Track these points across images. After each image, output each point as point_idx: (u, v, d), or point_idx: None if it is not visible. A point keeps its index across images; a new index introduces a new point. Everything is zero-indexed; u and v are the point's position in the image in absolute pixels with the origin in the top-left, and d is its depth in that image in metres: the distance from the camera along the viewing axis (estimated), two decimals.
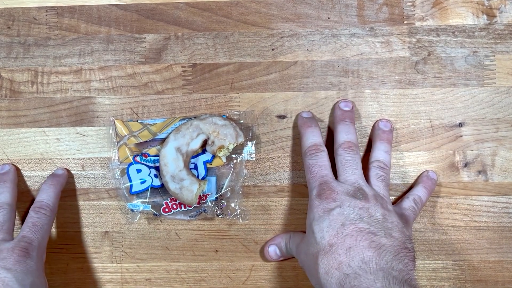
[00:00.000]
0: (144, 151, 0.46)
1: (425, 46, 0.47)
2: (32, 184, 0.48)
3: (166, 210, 0.45)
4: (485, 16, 0.47)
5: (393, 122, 0.47)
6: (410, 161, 0.47)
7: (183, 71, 0.48)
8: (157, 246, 0.48)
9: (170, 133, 0.45)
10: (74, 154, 0.48)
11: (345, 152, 0.42)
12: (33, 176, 0.48)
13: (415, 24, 0.47)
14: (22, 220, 0.47)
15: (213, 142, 0.44)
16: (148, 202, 0.45)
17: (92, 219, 0.48)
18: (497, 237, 0.47)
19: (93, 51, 0.48)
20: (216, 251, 0.47)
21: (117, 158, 0.46)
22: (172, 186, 0.43)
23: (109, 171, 0.47)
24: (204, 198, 0.45)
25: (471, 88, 0.47)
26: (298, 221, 0.47)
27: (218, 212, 0.46)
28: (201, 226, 0.47)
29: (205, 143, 0.45)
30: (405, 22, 0.47)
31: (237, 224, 0.47)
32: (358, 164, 0.42)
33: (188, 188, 0.43)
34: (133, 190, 0.45)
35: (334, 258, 0.36)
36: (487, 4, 0.47)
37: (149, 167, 0.45)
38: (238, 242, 0.47)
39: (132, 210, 0.46)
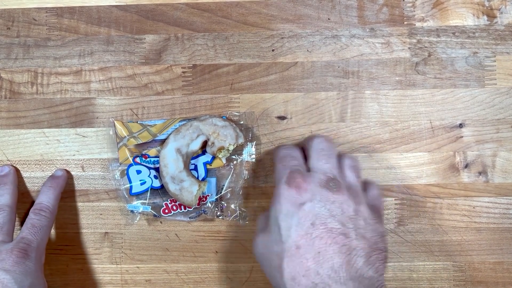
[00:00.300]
0: (144, 152, 0.46)
1: (426, 47, 0.47)
2: (31, 185, 0.48)
3: (166, 211, 0.45)
4: (485, 17, 0.47)
5: (394, 123, 0.47)
6: (411, 162, 0.47)
7: (183, 72, 0.48)
8: (157, 247, 0.47)
9: (170, 134, 0.45)
10: (74, 155, 0.48)
11: (321, 141, 0.40)
12: (33, 177, 0.48)
13: (415, 25, 0.47)
14: (22, 222, 0.47)
15: (213, 143, 0.44)
16: (148, 203, 0.45)
17: (92, 220, 0.48)
18: (498, 238, 0.46)
19: (93, 52, 0.48)
20: (216, 252, 0.47)
21: (117, 159, 0.46)
22: (172, 187, 0.43)
23: (109, 172, 0.47)
24: (204, 199, 0.45)
25: (471, 89, 0.47)
26: None
27: (218, 213, 0.46)
28: (201, 227, 0.47)
29: (205, 144, 0.45)
30: (405, 23, 0.47)
31: (237, 225, 0.47)
32: (334, 154, 0.40)
33: (188, 189, 0.43)
34: (133, 191, 0.45)
35: (302, 263, 0.33)
36: (487, 5, 0.47)
37: (149, 168, 0.45)
38: (238, 243, 0.47)
39: (132, 211, 0.46)
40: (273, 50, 0.47)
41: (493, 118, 0.47)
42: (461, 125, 0.47)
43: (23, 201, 0.48)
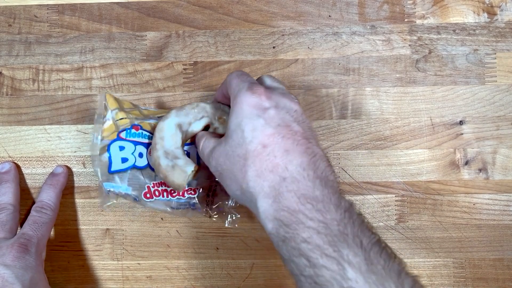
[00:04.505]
0: (136, 122, 0.43)
1: (426, 44, 0.47)
2: (33, 182, 0.48)
3: (148, 195, 0.42)
4: (485, 14, 0.47)
5: (394, 120, 0.47)
6: (411, 159, 0.47)
7: (184, 69, 0.48)
8: (158, 243, 0.48)
9: (171, 109, 0.41)
10: (75, 151, 0.48)
11: (237, 74, 0.39)
12: (34, 174, 0.48)
13: (416, 22, 0.47)
14: (23, 219, 0.47)
15: (216, 128, 0.41)
16: (129, 183, 0.41)
17: (93, 216, 0.48)
18: (498, 235, 0.47)
19: (94, 49, 0.48)
20: (217, 248, 0.48)
21: (101, 132, 0.43)
22: (163, 162, 0.39)
23: (90, 146, 0.45)
24: (193, 192, 0.42)
25: (471, 86, 0.47)
26: None
27: (205, 210, 0.43)
28: (202, 224, 0.47)
29: (206, 128, 0.42)
30: (406, 20, 0.47)
31: (237, 221, 0.47)
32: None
33: (181, 168, 0.39)
34: (112, 168, 0.41)
35: (269, 160, 0.33)
36: (487, 2, 0.47)
37: (135, 143, 0.41)
38: (239, 240, 0.47)
39: (109, 191, 0.42)
40: (274, 47, 0.48)
41: (493, 115, 0.47)
42: (461, 122, 0.47)
43: (25, 197, 0.48)
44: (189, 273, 0.48)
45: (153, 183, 0.41)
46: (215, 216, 0.44)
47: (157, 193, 0.42)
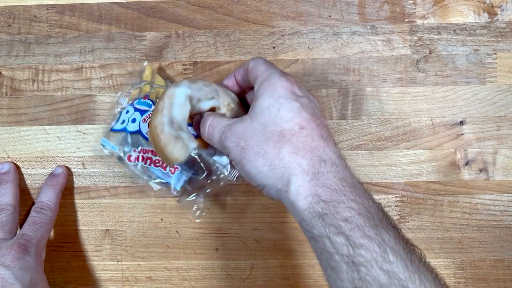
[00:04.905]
0: (148, 93, 0.45)
1: (426, 44, 0.47)
2: (32, 183, 0.48)
3: (132, 159, 0.43)
4: (486, 14, 0.47)
5: (394, 120, 0.47)
6: (411, 160, 0.47)
7: (184, 69, 0.48)
8: (157, 244, 0.47)
9: (183, 79, 0.40)
10: (74, 152, 0.48)
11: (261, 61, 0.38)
12: (34, 174, 0.48)
13: (416, 22, 0.47)
14: (23, 220, 0.47)
15: (223, 114, 0.39)
16: (118, 143, 0.43)
17: (93, 217, 0.48)
18: (498, 235, 0.46)
19: (94, 49, 0.48)
20: (217, 249, 0.47)
21: (128, 96, 0.45)
22: (167, 130, 0.36)
23: (115, 106, 0.46)
24: (172, 170, 0.42)
25: (472, 86, 0.47)
26: None
27: (178, 191, 0.42)
28: (202, 224, 0.47)
29: (211, 110, 0.40)
30: (406, 20, 0.47)
31: (238, 222, 0.47)
32: None
33: (184, 142, 0.36)
34: (113, 127, 0.44)
35: (307, 141, 0.33)
36: (488, 2, 0.47)
37: (136, 109, 0.44)
38: (239, 241, 0.47)
39: (102, 145, 0.45)
40: (274, 47, 0.47)
41: (494, 116, 0.47)
42: (462, 123, 0.47)
43: (24, 198, 0.48)
44: (189, 274, 0.47)
45: (141, 149, 0.42)
46: (184, 200, 0.44)
47: (140, 158, 0.42)
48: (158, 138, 0.36)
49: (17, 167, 0.48)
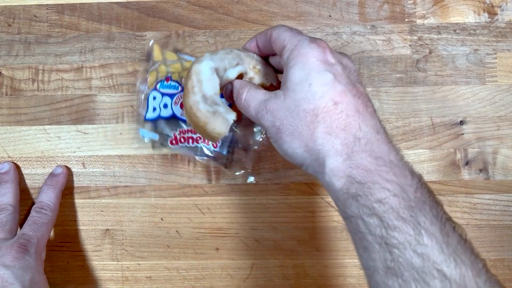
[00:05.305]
0: (169, 74, 0.44)
1: (426, 44, 0.47)
2: (32, 182, 0.48)
3: (174, 142, 0.43)
4: (486, 14, 0.47)
5: (394, 120, 0.47)
6: (411, 160, 0.47)
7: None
8: (158, 244, 0.47)
9: (204, 53, 0.38)
10: (74, 152, 0.48)
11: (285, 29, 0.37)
12: (34, 174, 0.48)
13: (416, 22, 0.47)
14: (23, 219, 0.47)
15: (252, 78, 0.38)
16: (157, 131, 0.43)
17: (93, 217, 0.48)
18: (498, 235, 0.46)
19: (94, 49, 0.48)
20: (217, 249, 0.47)
21: (146, 82, 0.45)
22: (203, 108, 0.35)
23: (135, 93, 0.46)
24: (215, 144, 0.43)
25: (472, 86, 0.47)
26: (299, 219, 0.47)
27: (226, 163, 0.43)
28: (202, 224, 0.47)
29: (239, 77, 0.38)
30: (406, 20, 0.47)
31: (238, 222, 0.47)
32: None
33: (223, 116, 0.35)
34: (147, 117, 0.44)
35: (341, 118, 0.31)
36: (488, 2, 0.47)
37: (163, 94, 0.43)
38: (239, 240, 0.47)
39: (142, 136, 0.44)
40: None
41: (494, 115, 0.47)
42: (462, 122, 0.47)
43: (24, 198, 0.48)
44: (189, 274, 0.47)
45: (180, 130, 0.43)
46: (232, 170, 0.44)
47: (182, 140, 0.43)
48: (196, 118, 0.35)
49: (17, 167, 0.48)
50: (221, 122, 0.35)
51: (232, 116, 0.35)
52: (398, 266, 0.28)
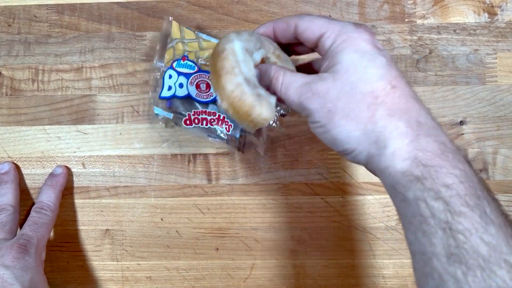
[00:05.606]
0: (185, 53, 0.44)
1: (427, 44, 0.47)
2: (32, 183, 0.48)
3: (188, 122, 0.43)
4: (486, 14, 0.47)
5: None
6: None
7: None
8: (157, 244, 0.47)
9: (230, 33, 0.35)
10: (74, 152, 0.48)
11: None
12: (34, 174, 0.48)
13: (416, 22, 0.47)
14: (23, 220, 0.47)
15: (274, 63, 0.35)
16: (171, 110, 0.43)
17: (93, 217, 0.48)
18: None
19: (94, 49, 0.48)
20: (217, 249, 0.47)
21: (164, 58, 0.45)
22: (247, 90, 0.31)
23: (152, 70, 0.46)
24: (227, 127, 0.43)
25: (472, 86, 0.47)
26: (299, 219, 0.47)
27: (239, 146, 0.44)
28: (202, 224, 0.47)
29: (262, 62, 0.36)
30: (406, 20, 0.47)
31: (238, 222, 0.47)
32: None
33: (266, 99, 0.32)
34: (162, 95, 0.43)
35: (402, 102, 0.30)
36: (488, 2, 0.47)
37: (179, 73, 0.43)
38: (239, 240, 0.47)
39: (157, 114, 0.44)
40: None
41: (494, 115, 0.47)
42: (462, 122, 0.47)
43: (24, 198, 0.48)
44: (189, 274, 0.47)
45: (194, 111, 0.43)
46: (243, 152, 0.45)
47: (196, 121, 0.43)
48: (241, 102, 0.31)
49: (17, 167, 0.48)
50: (268, 106, 0.31)
51: (273, 99, 0.32)
52: (462, 252, 0.27)
